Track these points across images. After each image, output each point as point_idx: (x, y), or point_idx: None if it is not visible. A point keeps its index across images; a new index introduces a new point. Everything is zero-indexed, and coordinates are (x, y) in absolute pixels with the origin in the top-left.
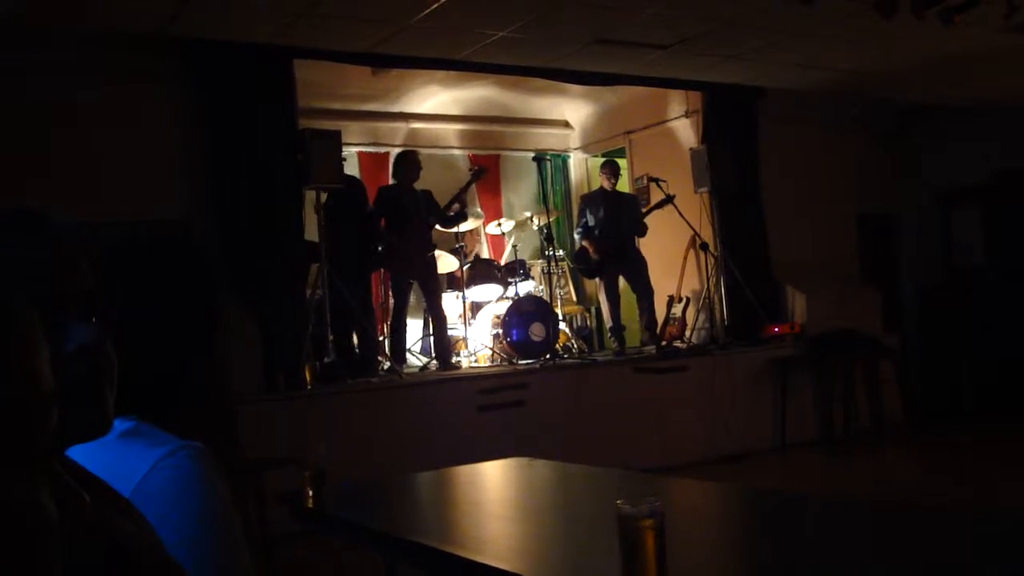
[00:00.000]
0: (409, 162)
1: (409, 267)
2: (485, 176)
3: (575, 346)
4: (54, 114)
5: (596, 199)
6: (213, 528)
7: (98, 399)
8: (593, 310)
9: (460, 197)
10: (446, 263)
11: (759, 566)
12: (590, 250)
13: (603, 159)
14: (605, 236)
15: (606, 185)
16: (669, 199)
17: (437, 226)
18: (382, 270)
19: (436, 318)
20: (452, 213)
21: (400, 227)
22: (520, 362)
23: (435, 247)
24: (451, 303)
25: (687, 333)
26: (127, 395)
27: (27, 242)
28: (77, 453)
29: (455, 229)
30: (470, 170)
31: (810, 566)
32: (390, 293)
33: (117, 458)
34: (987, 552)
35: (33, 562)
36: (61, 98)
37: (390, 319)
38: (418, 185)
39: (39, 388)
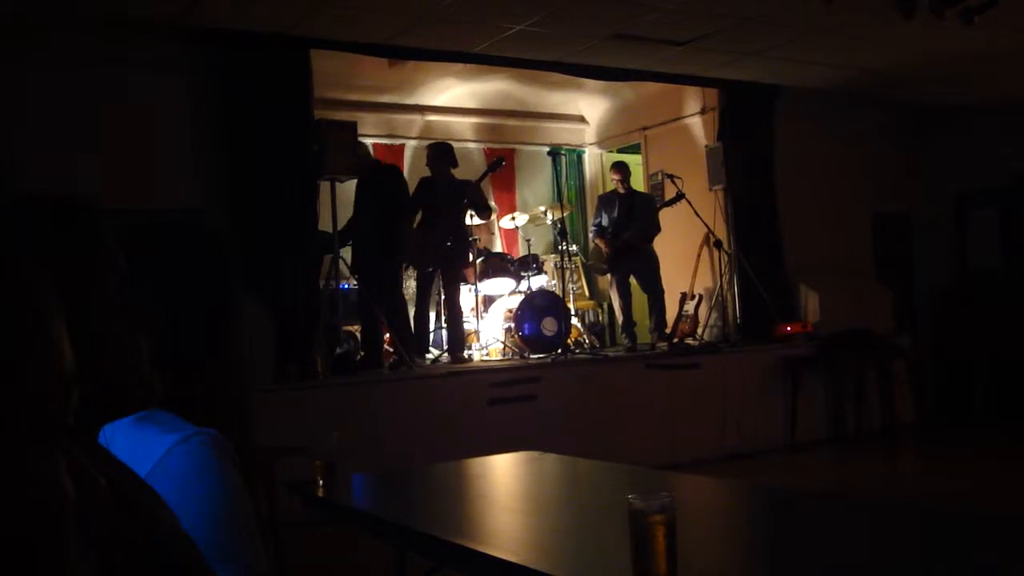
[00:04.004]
0: (441, 152)
1: (431, 256)
2: (502, 168)
3: (587, 341)
4: (69, 102)
5: (611, 200)
6: (225, 514)
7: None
8: (605, 306)
9: (477, 186)
10: None
11: (767, 563)
12: (602, 247)
13: (620, 158)
14: (618, 235)
15: (618, 188)
16: (679, 196)
17: (476, 219)
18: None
19: (451, 310)
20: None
21: (431, 218)
22: (532, 356)
23: (464, 238)
24: (464, 296)
25: (699, 330)
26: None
27: (72, 231)
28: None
29: (486, 221)
30: (489, 161)
31: (818, 565)
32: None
33: (132, 443)
34: (995, 554)
35: (51, 540)
36: (76, 86)
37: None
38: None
39: (60, 366)
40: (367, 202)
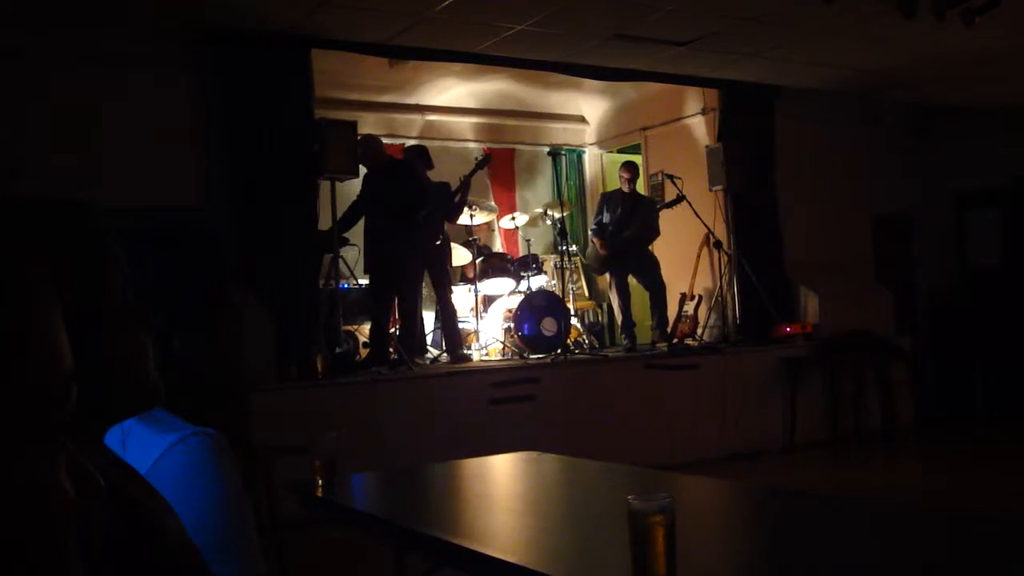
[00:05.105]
0: (416, 155)
1: (420, 256)
2: (491, 165)
3: (586, 342)
4: (72, 101)
5: (615, 199)
6: (223, 513)
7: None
8: (605, 306)
9: (464, 185)
10: (459, 256)
11: (767, 564)
12: (599, 246)
13: (620, 158)
14: (616, 235)
15: (624, 187)
16: (679, 199)
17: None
18: None
19: (445, 310)
20: (457, 200)
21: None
22: (531, 356)
23: (446, 238)
24: (463, 296)
25: (699, 331)
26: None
27: (73, 232)
28: None
29: (461, 222)
30: (476, 158)
31: (817, 565)
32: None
33: (133, 443)
34: (995, 555)
35: (50, 540)
36: (78, 85)
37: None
38: (431, 178)
39: (60, 366)
40: (381, 199)
